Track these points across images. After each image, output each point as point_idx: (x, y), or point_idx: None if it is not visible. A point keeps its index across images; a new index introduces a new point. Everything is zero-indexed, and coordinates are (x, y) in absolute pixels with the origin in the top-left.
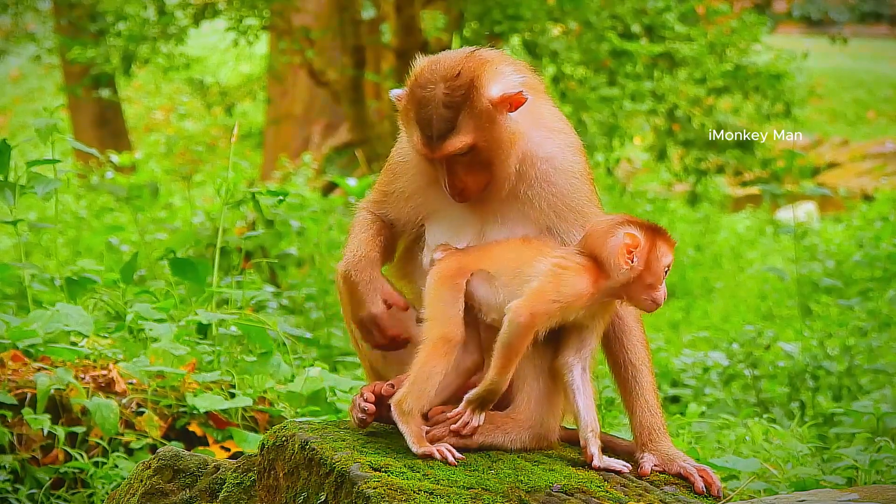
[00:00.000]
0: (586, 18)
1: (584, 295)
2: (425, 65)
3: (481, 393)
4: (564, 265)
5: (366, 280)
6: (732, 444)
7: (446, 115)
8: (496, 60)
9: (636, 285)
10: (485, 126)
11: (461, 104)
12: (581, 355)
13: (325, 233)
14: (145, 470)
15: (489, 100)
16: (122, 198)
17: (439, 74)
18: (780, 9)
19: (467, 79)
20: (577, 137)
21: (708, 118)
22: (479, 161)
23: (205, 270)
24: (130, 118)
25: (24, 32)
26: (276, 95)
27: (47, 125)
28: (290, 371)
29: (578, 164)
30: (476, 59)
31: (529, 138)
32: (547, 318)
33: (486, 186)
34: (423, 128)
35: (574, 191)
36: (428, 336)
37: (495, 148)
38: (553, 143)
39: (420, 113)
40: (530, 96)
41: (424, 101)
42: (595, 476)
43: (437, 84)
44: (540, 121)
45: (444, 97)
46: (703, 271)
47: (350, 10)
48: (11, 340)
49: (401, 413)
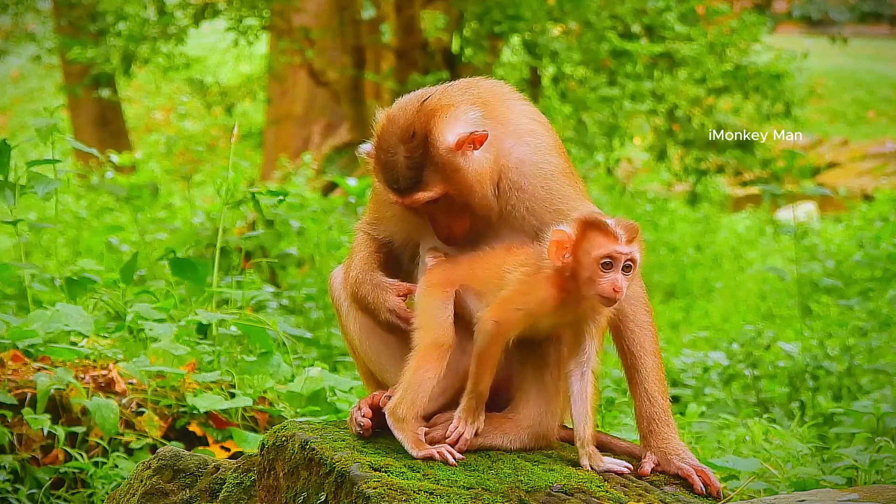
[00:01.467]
0: (586, 18)
1: (548, 300)
2: (384, 124)
3: (467, 404)
4: (529, 273)
5: (370, 287)
6: (732, 444)
7: (410, 175)
8: (446, 105)
9: (581, 282)
10: (450, 175)
11: (422, 162)
12: (580, 361)
13: (325, 233)
14: (145, 470)
15: (447, 150)
16: (122, 198)
17: (396, 137)
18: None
19: (421, 136)
20: (550, 135)
21: (708, 118)
22: (455, 205)
23: (205, 270)
24: (130, 118)
25: (24, 32)
26: (276, 95)
27: (47, 125)
28: (290, 371)
29: (550, 163)
30: (426, 113)
31: (499, 152)
32: (513, 326)
33: (472, 226)
34: (390, 184)
35: (549, 191)
36: (419, 342)
37: (467, 190)
38: (522, 149)
39: (387, 175)
40: (488, 129)
41: (390, 164)
42: (595, 476)
43: (398, 147)
44: (508, 128)
45: (406, 160)
46: (703, 271)
47: (350, 10)
48: (11, 340)
49: (395, 420)
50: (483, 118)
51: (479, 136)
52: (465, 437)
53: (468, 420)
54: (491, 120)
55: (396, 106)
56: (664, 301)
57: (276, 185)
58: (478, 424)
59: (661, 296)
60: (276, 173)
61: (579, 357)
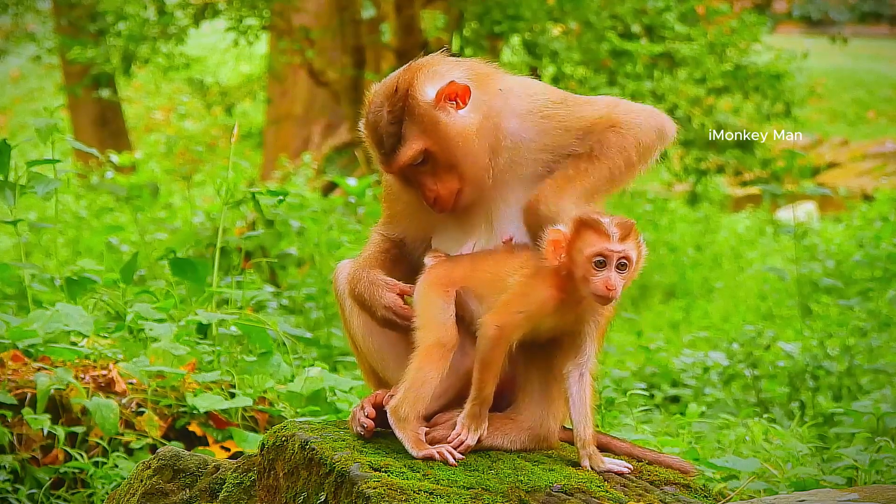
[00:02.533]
0: (586, 18)
1: (548, 301)
2: (373, 89)
3: (470, 411)
4: (530, 274)
5: (367, 284)
6: (732, 444)
7: (392, 130)
8: (431, 63)
9: (577, 281)
10: (429, 129)
11: (401, 116)
12: (578, 362)
13: (325, 233)
14: (145, 470)
15: (425, 103)
16: (122, 198)
17: (382, 95)
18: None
19: (403, 91)
20: (546, 87)
21: (708, 118)
22: (441, 166)
23: (205, 270)
24: (130, 118)
25: (24, 32)
26: (276, 95)
27: (47, 125)
28: (290, 371)
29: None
30: (411, 69)
31: (490, 110)
32: (515, 330)
33: (462, 189)
34: (377, 147)
35: (552, 118)
36: (421, 342)
37: (451, 147)
38: (515, 101)
39: (373, 135)
40: (468, 82)
41: (374, 123)
42: (595, 476)
43: (383, 105)
44: (499, 91)
45: (388, 115)
46: (703, 271)
47: (350, 10)
48: (11, 340)
49: (397, 420)
50: (470, 80)
51: (460, 88)
52: (467, 443)
53: (471, 427)
54: (480, 85)
55: (388, 76)
56: (664, 301)
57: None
58: (481, 431)
59: (661, 296)
60: (276, 173)
61: (578, 358)
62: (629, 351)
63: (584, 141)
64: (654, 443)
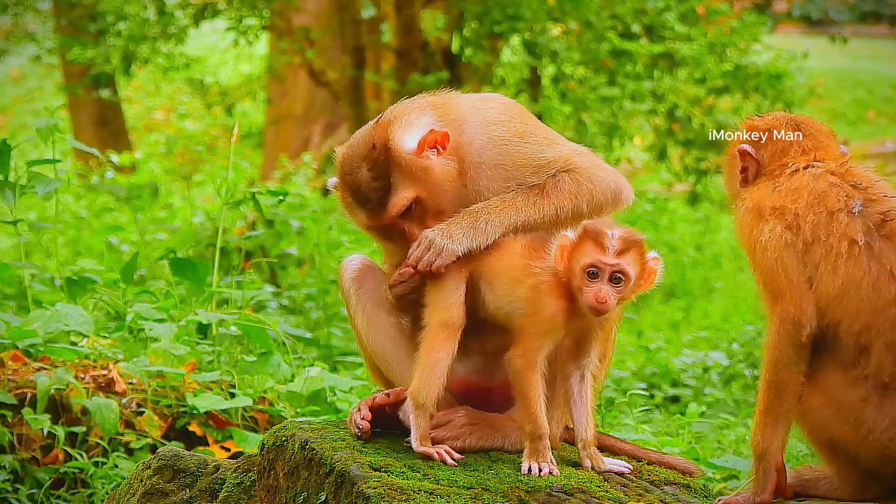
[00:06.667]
0: (586, 18)
1: (558, 314)
2: (344, 152)
3: (529, 446)
4: (535, 286)
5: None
6: (732, 444)
7: (376, 185)
8: (400, 114)
9: (574, 289)
10: (419, 177)
11: (387, 170)
12: (579, 363)
13: (325, 233)
14: (145, 470)
15: (408, 153)
16: (122, 198)
17: (358, 156)
18: (780, 9)
19: (382, 146)
20: (501, 106)
21: (708, 118)
22: (428, 210)
23: (205, 270)
24: (130, 118)
25: (24, 32)
26: (276, 95)
27: (47, 125)
28: (290, 371)
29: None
30: (382, 125)
31: (459, 143)
32: (537, 351)
33: None
34: (362, 205)
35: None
36: (429, 321)
37: (438, 191)
38: (473, 129)
39: (355, 195)
40: (443, 127)
41: (356, 183)
42: (595, 476)
43: (360, 164)
44: (460, 119)
45: (369, 173)
46: (703, 271)
47: (350, 10)
48: (11, 340)
49: (416, 405)
50: (437, 120)
51: (440, 135)
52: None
53: (539, 460)
54: (444, 119)
55: (350, 139)
56: (664, 301)
57: (276, 185)
58: (551, 468)
59: (661, 296)
60: (276, 173)
61: (579, 359)
62: (629, 351)
63: (539, 175)
64: (654, 443)
